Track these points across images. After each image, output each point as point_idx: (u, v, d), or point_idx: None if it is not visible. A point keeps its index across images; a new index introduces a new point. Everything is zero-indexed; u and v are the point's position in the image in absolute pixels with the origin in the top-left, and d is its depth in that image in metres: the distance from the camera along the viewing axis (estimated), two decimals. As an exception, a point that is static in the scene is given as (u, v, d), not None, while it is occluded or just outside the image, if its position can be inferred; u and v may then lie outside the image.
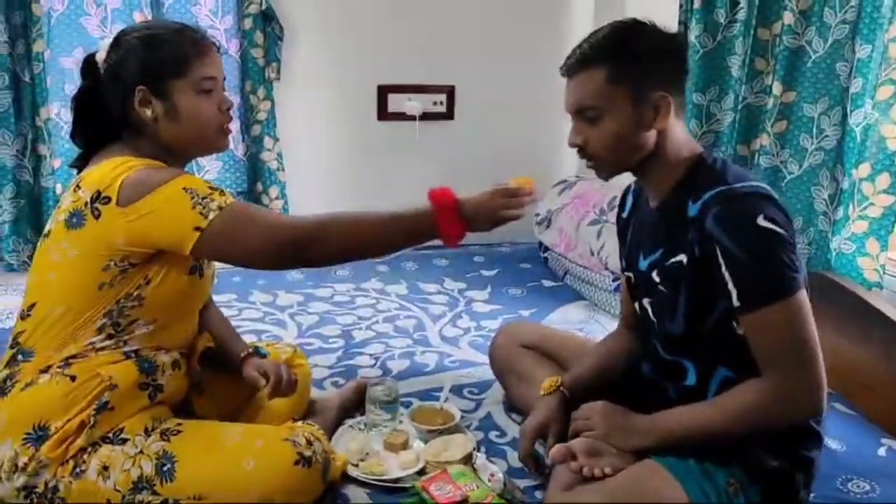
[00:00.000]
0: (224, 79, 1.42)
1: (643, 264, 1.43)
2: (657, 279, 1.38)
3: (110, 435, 1.29)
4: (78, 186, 1.30)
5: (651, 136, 1.34)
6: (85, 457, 1.26)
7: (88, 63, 1.39)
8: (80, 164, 1.41)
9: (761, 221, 1.23)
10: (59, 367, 1.29)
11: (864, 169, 1.97)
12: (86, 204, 1.27)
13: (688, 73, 1.39)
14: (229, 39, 2.67)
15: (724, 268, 1.25)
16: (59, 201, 1.39)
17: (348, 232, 1.34)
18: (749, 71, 2.31)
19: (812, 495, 1.40)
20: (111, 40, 1.39)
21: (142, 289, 1.32)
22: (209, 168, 2.76)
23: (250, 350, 1.59)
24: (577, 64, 1.34)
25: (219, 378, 1.56)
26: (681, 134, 1.37)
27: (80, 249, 1.28)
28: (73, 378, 1.28)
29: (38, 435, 1.24)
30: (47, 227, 1.36)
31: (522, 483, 1.50)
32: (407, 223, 1.36)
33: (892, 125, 1.90)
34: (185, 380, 1.46)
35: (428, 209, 1.35)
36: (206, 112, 1.38)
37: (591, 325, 2.35)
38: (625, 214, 1.58)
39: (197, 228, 1.24)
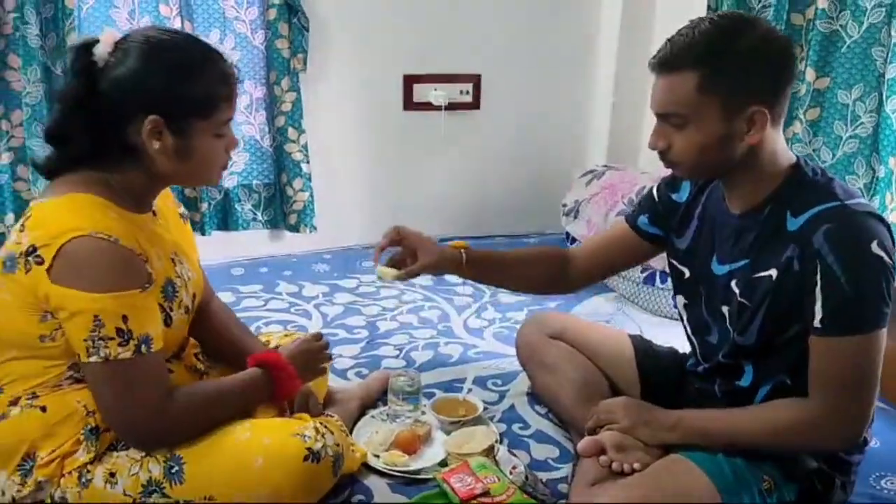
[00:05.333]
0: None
1: (719, 269, 1.37)
2: (737, 290, 1.32)
3: (114, 442, 1.26)
4: (23, 226, 1.19)
5: (742, 147, 1.24)
6: (89, 466, 1.23)
7: (83, 53, 1.22)
8: (53, 171, 1.27)
9: (875, 248, 1.16)
10: (27, 398, 1.23)
11: (902, 157, 1.92)
12: (21, 253, 1.16)
13: (793, 81, 1.26)
14: (254, 31, 2.66)
15: (819, 286, 1.18)
16: None
17: (204, 417, 1.29)
18: (782, 57, 2.25)
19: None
20: (118, 37, 1.23)
21: None
22: (236, 160, 2.76)
23: (269, 351, 1.54)
24: (667, 64, 1.23)
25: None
26: (778, 144, 1.27)
27: (12, 296, 1.19)
28: (43, 409, 1.22)
29: (30, 465, 1.21)
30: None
31: (545, 476, 1.49)
32: (250, 393, 1.36)
33: (930, 111, 1.84)
34: (187, 375, 1.42)
35: (260, 373, 1.36)
36: (217, 155, 1.30)
37: (618, 316, 2.33)
38: (679, 198, 1.49)
39: (79, 356, 1.18)
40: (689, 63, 1.20)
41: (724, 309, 1.37)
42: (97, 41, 1.22)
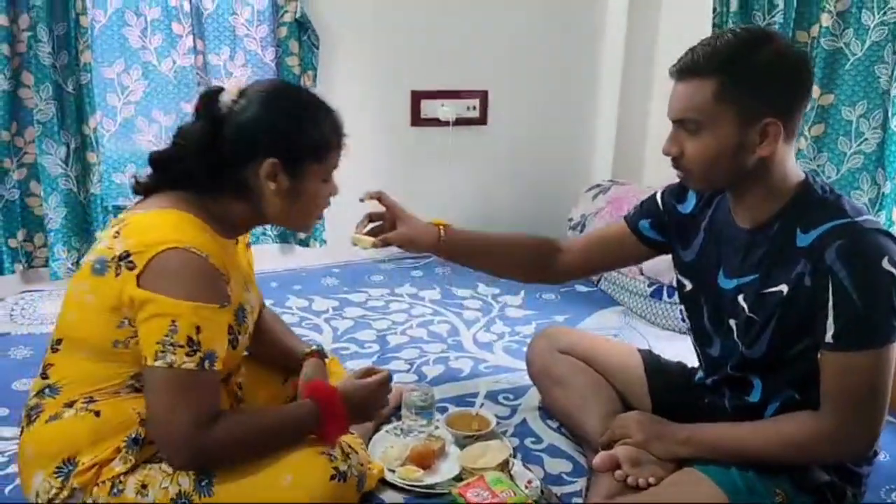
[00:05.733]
0: None
1: (727, 283, 1.39)
2: (745, 304, 1.34)
3: (151, 457, 1.28)
4: (118, 232, 1.25)
5: (753, 158, 1.26)
6: (122, 477, 1.25)
7: (209, 99, 1.33)
8: (149, 191, 1.36)
9: (886, 264, 1.19)
10: (83, 402, 1.27)
11: (908, 173, 1.95)
12: (114, 258, 1.22)
13: (808, 98, 1.29)
14: (265, 48, 2.70)
15: (831, 302, 1.20)
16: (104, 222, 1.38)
17: (247, 446, 1.28)
18: (786, 74, 2.29)
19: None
20: (242, 85, 1.34)
21: None
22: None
23: (313, 349, 1.61)
24: (687, 70, 1.26)
25: (259, 385, 1.58)
26: (789, 160, 1.30)
27: (96, 298, 1.25)
28: (97, 413, 1.26)
29: (69, 469, 1.24)
30: (86, 257, 1.32)
31: (560, 490, 1.50)
32: (296, 427, 1.34)
33: (935, 128, 1.87)
34: (227, 400, 1.46)
35: (310, 410, 1.35)
36: (322, 199, 1.40)
37: (626, 330, 2.34)
38: (684, 209, 1.51)
39: (145, 359, 1.20)
40: (709, 70, 1.23)
41: (731, 322, 1.38)
42: (222, 90, 1.33)
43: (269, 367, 1.61)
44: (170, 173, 1.34)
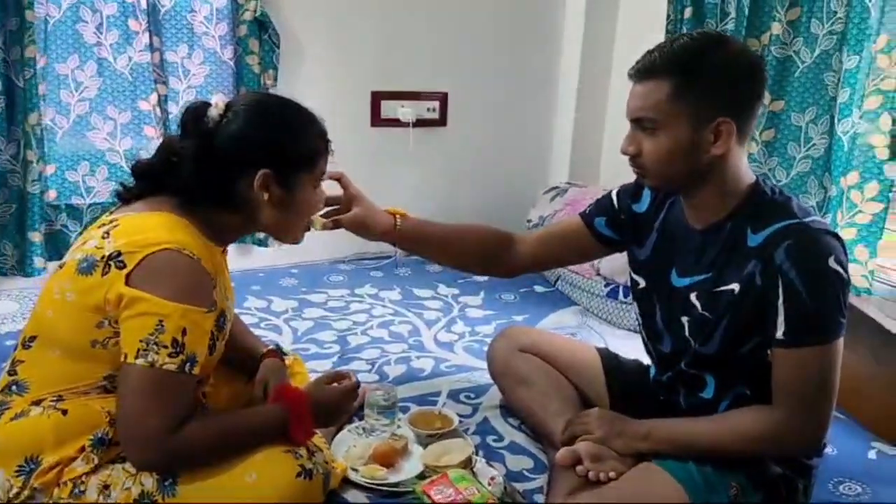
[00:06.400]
0: None
1: (679, 281, 1.42)
2: (697, 302, 1.38)
3: (115, 458, 1.26)
4: (108, 233, 1.25)
5: (707, 158, 1.29)
6: (83, 477, 1.23)
7: (196, 114, 1.33)
8: (133, 196, 1.35)
9: (832, 263, 1.23)
10: (52, 400, 1.26)
11: (853, 177, 2.02)
12: (102, 257, 1.22)
13: (761, 100, 1.33)
14: (224, 46, 2.67)
15: (780, 300, 1.24)
16: (78, 236, 1.36)
17: (213, 450, 1.27)
18: (739, 80, 2.35)
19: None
20: (226, 100, 1.34)
21: None
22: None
23: (271, 348, 1.61)
24: (645, 71, 1.30)
25: (220, 384, 1.57)
26: (742, 162, 1.34)
27: (78, 297, 1.24)
28: (64, 412, 1.24)
29: (31, 468, 1.21)
30: (66, 258, 1.30)
31: (522, 486, 1.52)
32: (263, 431, 1.33)
33: (880, 135, 1.94)
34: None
35: (277, 415, 1.34)
36: (313, 205, 1.43)
37: (583, 330, 2.38)
38: (639, 208, 1.54)
39: (125, 356, 1.19)
40: (664, 71, 1.27)
41: (684, 319, 1.42)
42: (208, 104, 1.33)
43: (231, 365, 1.60)
44: (157, 184, 1.34)
